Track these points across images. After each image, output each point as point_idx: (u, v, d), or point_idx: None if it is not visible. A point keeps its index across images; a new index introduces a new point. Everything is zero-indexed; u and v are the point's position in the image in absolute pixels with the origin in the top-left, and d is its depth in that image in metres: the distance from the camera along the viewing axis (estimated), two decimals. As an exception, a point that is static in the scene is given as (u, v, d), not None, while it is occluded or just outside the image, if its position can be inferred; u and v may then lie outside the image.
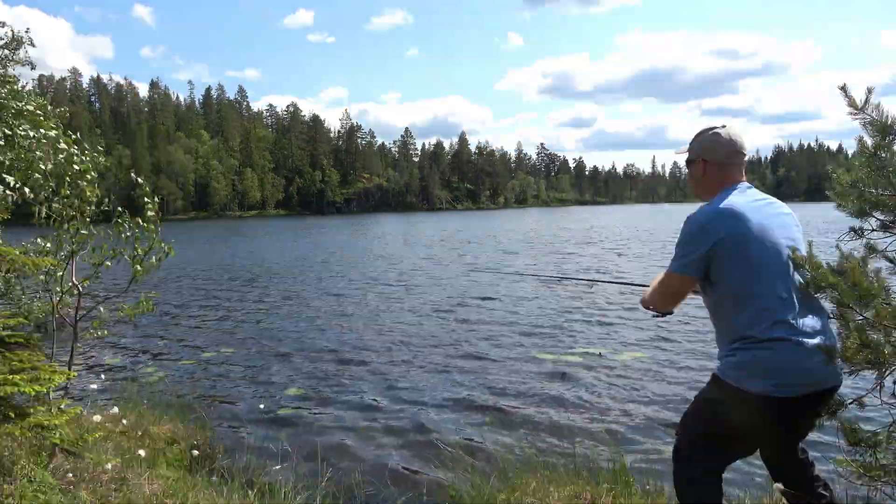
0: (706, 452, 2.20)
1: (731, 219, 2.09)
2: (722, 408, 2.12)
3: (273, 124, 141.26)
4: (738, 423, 2.07)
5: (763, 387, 2.00)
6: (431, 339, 9.42)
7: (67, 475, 3.15)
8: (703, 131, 2.33)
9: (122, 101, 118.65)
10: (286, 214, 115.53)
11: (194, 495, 3.25)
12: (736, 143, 2.25)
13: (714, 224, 2.10)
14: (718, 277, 2.12)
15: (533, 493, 3.33)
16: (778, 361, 2.00)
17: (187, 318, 12.01)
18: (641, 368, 7.44)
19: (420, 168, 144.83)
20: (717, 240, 2.08)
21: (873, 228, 2.33)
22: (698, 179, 2.33)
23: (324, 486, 3.67)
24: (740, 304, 2.08)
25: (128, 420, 4.70)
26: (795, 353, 2.00)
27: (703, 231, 2.11)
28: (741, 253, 2.07)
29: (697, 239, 2.12)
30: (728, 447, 2.19)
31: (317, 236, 43.51)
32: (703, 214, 2.15)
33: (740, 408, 2.04)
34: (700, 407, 2.28)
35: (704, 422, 2.23)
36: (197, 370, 7.94)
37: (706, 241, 2.09)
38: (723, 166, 2.25)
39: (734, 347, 2.09)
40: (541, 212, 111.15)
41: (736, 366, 2.07)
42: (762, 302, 2.05)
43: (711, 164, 2.27)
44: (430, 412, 6.09)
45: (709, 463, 2.21)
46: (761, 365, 2.01)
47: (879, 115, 2.12)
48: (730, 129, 2.28)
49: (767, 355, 2.01)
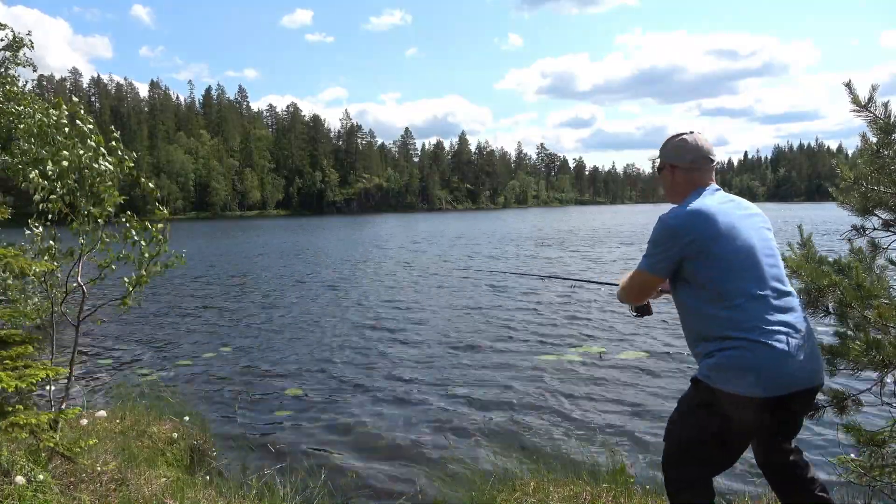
0: (694, 458, 2.18)
1: (701, 220, 2.11)
2: (706, 411, 2.11)
3: (273, 124, 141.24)
4: (724, 425, 2.07)
5: (745, 388, 1.99)
6: (431, 340, 9.41)
7: (67, 476, 3.14)
8: (671, 138, 2.37)
9: (122, 102, 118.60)
10: (286, 214, 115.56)
11: (194, 495, 3.24)
12: (702, 149, 2.28)
13: (684, 225, 2.13)
14: (690, 277, 2.14)
15: (533, 493, 3.32)
16: (756, 361, 1.98)
17: (187, 318, 11.99)
18: (641, 368, 7.43)
19: (420, 168, 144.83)
20: (687, 241, 2.10)
21: (875, 227, 2.32)
22: (668, 185, 2.38)
23: (322, 485, 3.66)
24: (713, 304, 2.09)
25: (127, 420, 4.69)
26: (772, 352, 1.99)
27: (673, 233, 2.14)
28: (712, 253, 2.08)
29: (667, 241, 2.15)
30: (715, 451, 2.18)
31: (318, 236, 43.50)
32: (673, 217, 2.17)
33: (724, 410, 2.04)
34: (684, 411, 2.26)
35: (690, 426, 2.21)
36: (197, 370, 7.93)
37: (676, 243, 2.13)
38: (690, 171, 2.28)
39: (712, 349, 2.08)
40: (542, 211, 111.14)
41: (716, 367, 2.05)
42: (734, 301, 2.04)
43: (679, 168, 2.31)
44: (430, 412, 6.07)
45: (698, 468, 2.19)
46: (741, 365, 1.99)
47: (882, 113, 2.10)
48: (697, 135, 2.32)
49: (746, 355, 1.99)
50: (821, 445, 4.71)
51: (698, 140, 2.30)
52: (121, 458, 3.69)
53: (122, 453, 3.81)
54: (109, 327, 10.46)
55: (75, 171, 3.76)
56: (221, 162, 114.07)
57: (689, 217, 2.13)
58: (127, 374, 7.69)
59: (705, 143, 2.30)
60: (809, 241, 2.36)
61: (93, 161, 3.76)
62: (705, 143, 2.30)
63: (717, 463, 2.23)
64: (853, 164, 2.33)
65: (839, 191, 2.34)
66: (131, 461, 3.67)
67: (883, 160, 2.17)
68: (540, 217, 78.89)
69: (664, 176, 2.39)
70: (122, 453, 3.81)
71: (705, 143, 2.30)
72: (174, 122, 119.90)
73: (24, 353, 2.79)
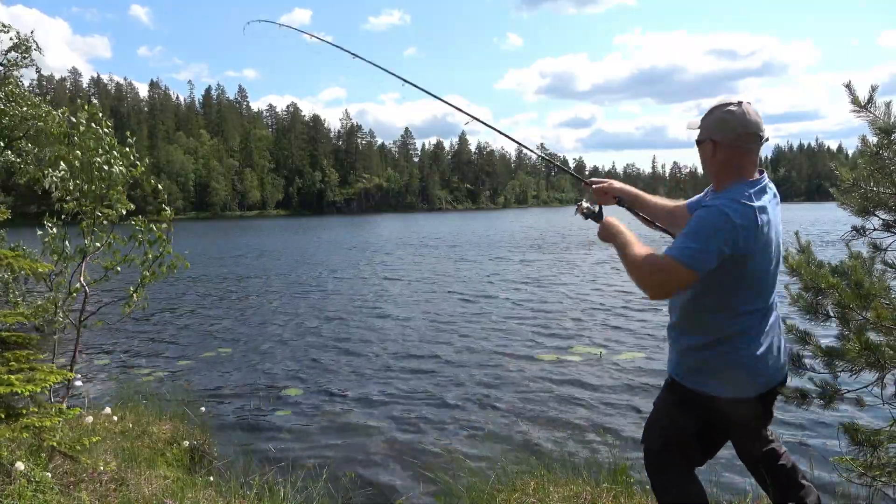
0: (675, 457, 2.19)
1: (761, 226, 1.89)
2: (683, 410, 2.12)
3: (273, 124, 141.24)
4: (705, 423, 2.10)
5: (741, 389, 2.02)
6: (431, 340, 9.42)
7: (67, 476, 3.14)
8: (716, 108, 2.03)
9: (122, 102, 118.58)
10: (286, 214, 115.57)
11: (194, 495, 3.23)
12: (751, 124, 1.95)
13: (745, 227, 1.86)
14: (716, 274, 1.92)
15: (533, 493, 3.31)
16: (754, 364, 2.01)
17: (187, 318, 11.99)
18: (641, 368, 7.43)
19: (420, 168, 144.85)
20: (743, 242, 1.87)
21: (875, 228, 2.32)
22: (707, 161, 2.06)
23: (322, 486, 3.66)
24: (716, 309, 2.00)
25: (127, 420, 4.69)
26: (768, 354, 2.03)
27: (734, 229, 1.85)
28: (746, 269, 1.93)
29: (727, 235, 1.85)
30: (694, 448, 2.19)
31: (318, 236, 43.49)
32: (740, 213, 1.87)
33: (707, 409, 2.06)
34: (662, 411, 2.26)
35: (666, 427, 2.21)
36: (196, 370, 7.93)
37: (733, 239, 1.85)
38: (735, 149, 1.97)
39: (716, 350, 2.02)
40: (541, 211, 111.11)
41: (705, 369, 2.05)
42: (739, 309, 1.99)
43: (721, 145, 1.99)
44: (430, 412, 6.08)
45: (680, 466, 2.20)
46: (737, 369, 2.01)
47: (882, 113, 2.11)
48: (746, 106, 1.97)
49: (746, 360, 2.01)
50: (821, 445, 4.71)
51: (748, 113, 1.95)
52: (121, 458, 3.69)
53: (122, 453, 3.81)
54: (109, 327, 10.45)
55: (89, 172, 3.79)
56: (221, 162, 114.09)
57: (754, 218, 1.88)
58: (127, 374, 7.69)
59: (755, 118, 1.96)
60: (808, 248, 2.36)
61: (104, 164, 3.78)
62: (755, 118, 1.96)
63: (695, 459, 2.25)
64: (853, 165, 2.33)
65: (839, 191, 2.34)
66: (131, 461, 3.68)
67: (883, 161, 2.18)
68: (536, 217, 78.88)
69: (704, 149, 2.07)
70: (122, 453, 3.81)
71: (755, 116, 1.96)
72: (174, 122, 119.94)
73: (30, 355, 2.79)
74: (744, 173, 1.98)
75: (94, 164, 3.74)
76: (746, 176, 1.99)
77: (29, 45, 6.43)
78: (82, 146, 3.78)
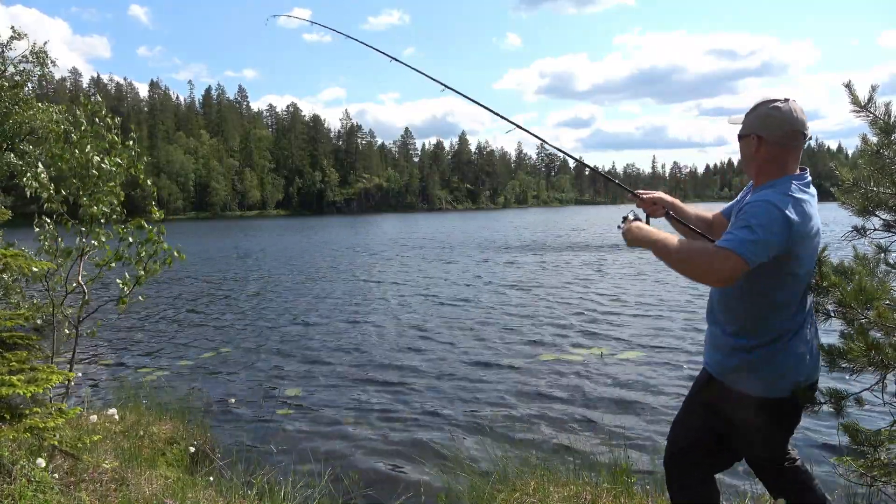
0: (700, 457, 2.18)
1: (810, 222, 1.92)
2: (716, 410, 2.11)
3: (273, 124, 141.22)
4: (734, 427, 2.08)
5: (776, 390, 2.01)
6: (431, 340, 9.41)
7: (67, 475, 3.14)
8: (762, 103, 2.03)
9: (122, 101, 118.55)
10: (286, 214, 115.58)
11: (194, 495, 3.23)
12: (796, 122, 1.97)
13: (800, 220, 1.87)
14: (767, 269, 1.90)
15: (533, 493, 3.31)
16: (797, 363, 2.02)
17: (187, 317, 11.99)
18: (642, 368, 7.42)
19: (420, 168, 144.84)
20: (796, 238, 1.88)
21: (875, 227, 2.32)
22: (749, 157, 2.07)
23: (322, 486, 3.66)
24: (765, 307, 2.01)
25: (127, 420, 4.69)
26: (810, 351, 2.04)
27: (788, 223, 1.85)
28: (798, 258, 1.94)
29: (781, 228, 1.84)
30: (719, 452, 2.18)
31: (318, 236, 43.50)
32: (792, 207, 1.88)
33: (743, 409, 2.04)
34: (693, 409, 2.25)
35: (695, 425, 2.21)
36: (196, 370, 7.93)
37: (787, 233, 1.85)
38: (780, 147, 1.98)
39: (766, 350, 2.00)
40: (540, 211, 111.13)
41: (750, 368, 2.02)
42: (800, 303, 2.03)
43: (766, 142, 2.00)
44: (430, 413, 6.08)
45: (703, 468, 2.19)
46: (783, 367, 2.01)
47: (882, 113, 2.11)
48: (792, 103, 1.98)
49: (790, 360, 2.01)
50: (821, 445, 4.72)
51: (794, 111, 1.97)
52: (121, 457, 3.69)
53: (122, 453, 3.81)
54: (109, 327, 10.45)
55: (83, 168, 3.79)
56: (221, 162, 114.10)
57: (806, 214, 1.90)
58: (127, 374, 7.70)
59: (801, 115, 1.97)
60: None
61: (101, 162, 3.78)
62: (801, 115, 1.97)
63: (719, 462, 2.23)
64: (853, 165, 2.33)
65: (840, 191, 2.33)
66: (131, 461, 3.68)
67: (883, 161, 2.18)
68: (536, 217, 78.86)
69: (747, 145, 2.07)
70: (122, 453, 3.81)
71: (801, 114, 1.97)
72: (174, 122, 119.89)
73: (30, 356, 2.79)
74: (787, 170, 2.00)
75: (90, 163, 3.74)
76: (790, 172, 2.00)
77: (45, 60, 6.50)
78: (80, 145, 3.78)
